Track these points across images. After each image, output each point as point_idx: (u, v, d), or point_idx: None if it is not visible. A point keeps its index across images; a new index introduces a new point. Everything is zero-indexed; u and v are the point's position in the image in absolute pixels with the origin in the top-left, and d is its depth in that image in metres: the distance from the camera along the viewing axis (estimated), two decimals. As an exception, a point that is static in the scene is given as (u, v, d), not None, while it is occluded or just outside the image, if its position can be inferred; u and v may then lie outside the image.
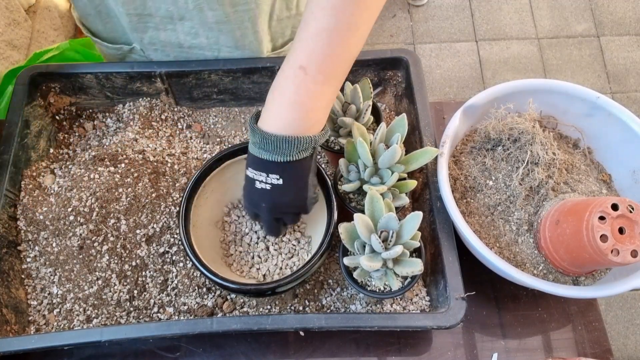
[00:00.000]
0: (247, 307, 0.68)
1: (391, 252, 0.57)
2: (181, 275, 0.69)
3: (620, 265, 0.57)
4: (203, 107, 0.84)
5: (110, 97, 0.81)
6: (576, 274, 0.64)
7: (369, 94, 0.70)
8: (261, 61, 0.78)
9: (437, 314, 0.60)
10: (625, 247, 0.54)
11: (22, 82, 0.76)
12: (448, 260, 0.63)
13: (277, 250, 0.71)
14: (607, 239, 0.54)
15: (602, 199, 0.56)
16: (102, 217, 0.70)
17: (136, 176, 0.72)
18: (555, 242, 0.61)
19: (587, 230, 0.55)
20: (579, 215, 0.57)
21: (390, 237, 0.58)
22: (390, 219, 0.57)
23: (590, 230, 0.55)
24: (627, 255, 0.54)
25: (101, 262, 0.68)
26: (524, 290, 0.72)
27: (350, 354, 0.69)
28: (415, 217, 0.58)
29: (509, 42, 2.11)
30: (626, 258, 0.54)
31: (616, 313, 1.61)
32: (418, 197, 0.74)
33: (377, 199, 0.59)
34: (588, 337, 0.70)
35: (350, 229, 0.60)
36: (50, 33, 1.57)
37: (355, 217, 0.57)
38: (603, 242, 0.54)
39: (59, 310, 0.68)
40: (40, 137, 0.77)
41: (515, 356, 0.69)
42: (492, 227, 0.66)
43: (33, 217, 0.71)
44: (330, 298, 0.68)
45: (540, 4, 2.21)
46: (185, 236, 0.63)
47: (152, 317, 0.67)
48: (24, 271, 0.70)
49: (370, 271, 0.60)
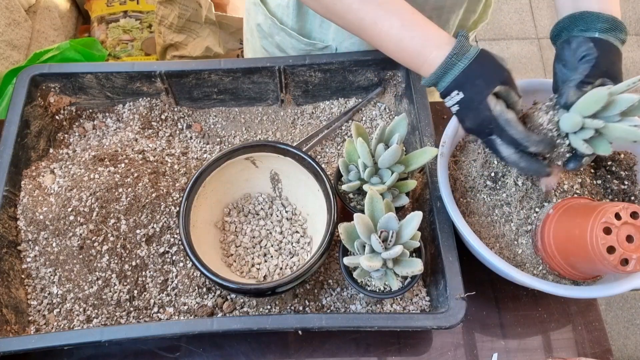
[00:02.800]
0: (247, 307, 0.68)
1: (391, 252, 0.57)
2: (181, 275, 0.69)
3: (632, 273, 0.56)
4: (203, 107, 0.84)
5: (110, 97, 0.81)
6: (581, 278, 0.63)
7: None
8: (261, 61, 0.78)
9: (437, 314, 0.60)
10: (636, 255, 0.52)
11: (22, 82, 0.76)
12: (448, 260, 0.62)
13: (277, 250, 0.71)
14: (614, 250, 0.53)
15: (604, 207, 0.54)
16: (102, 217, 0.70)
17: (136, 176, 0.72)
18: (560, 250, 0.60)
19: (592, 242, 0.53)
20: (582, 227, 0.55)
21: (390, 237, 0.58)
22: (390, 219, 0.57)
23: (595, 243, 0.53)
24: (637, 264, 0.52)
25: (101, 262, 0.68)
26: (524, 290, 0.72)
27: (350, 354, 0.69)
28: (415, 217, 0.58)
29: (509, 42, 2.11)
30: (636, 267, 0.52)
31: (616, 313, 1.61)
32: (418, 197, 0.74)
33: (377, 199, 0.59)
34: (588, 337, 0.70)
35: (350, 229, 0.60)
36: (50, 33, 1.57)
37: (355, 217, 0.57)
38: (610, 254, 0.52)
39: (59, 310, 0.68)
40: (40, 137, 0.77)
41: (515, 356, 0.69)
42: (492, 227, 0.66)
43: (33, 217, 0.71)
44: (330, 298, 0.68)
45: (540, 4, 2.21)
46: (185, 236, 0.63)
47: (152, 317, 0.67)
48: (24, 271, 0.70)
49: (370, 271, 0.60)
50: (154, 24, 1.58)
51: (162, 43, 1.55)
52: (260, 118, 0.83)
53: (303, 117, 0.83)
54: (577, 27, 0.59)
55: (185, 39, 1.56)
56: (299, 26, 0.83)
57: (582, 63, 0.57)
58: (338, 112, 0.82)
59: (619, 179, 0.69)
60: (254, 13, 0.89)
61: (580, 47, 0.58)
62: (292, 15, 0.81)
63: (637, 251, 0.53)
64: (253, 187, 0.75)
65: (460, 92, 0.57)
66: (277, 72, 0.77)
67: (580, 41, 0.58)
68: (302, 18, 0.82)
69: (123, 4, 1.67)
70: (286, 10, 0.82)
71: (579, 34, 0.59)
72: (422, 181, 0.72)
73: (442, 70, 0.57)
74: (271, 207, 0.75)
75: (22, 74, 0.77)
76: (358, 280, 0.63)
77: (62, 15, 1.66)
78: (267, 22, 0.86)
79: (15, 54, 1.43)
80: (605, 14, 0.58)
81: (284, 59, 0.78)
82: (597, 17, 0.58)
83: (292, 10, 0.81)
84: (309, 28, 0.83)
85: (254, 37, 0.92)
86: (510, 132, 0.56)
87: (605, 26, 0.57)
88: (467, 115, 0.58)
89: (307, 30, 0.84)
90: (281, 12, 0.83)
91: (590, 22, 0.58)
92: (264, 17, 0.86)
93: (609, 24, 0.57)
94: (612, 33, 0.57)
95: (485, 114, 0.56)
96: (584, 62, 0.57)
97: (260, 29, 0.88)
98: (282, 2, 0.81)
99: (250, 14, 0.91)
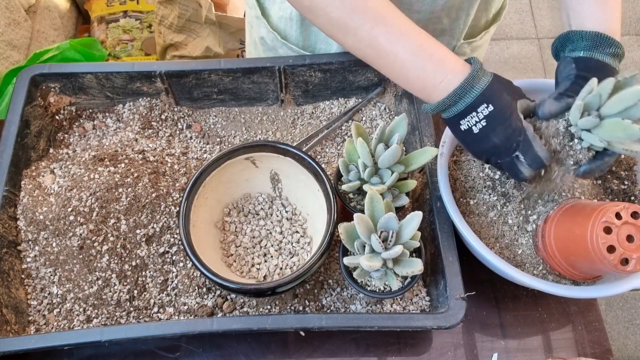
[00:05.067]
0: (247, 307, 0.68)
1: (391, 252, 0.57)
2: (181, 275, 0.69)
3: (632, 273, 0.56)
4: (203, 107, 0.84)
5: (110, 97, 0.81)
6: (582, 278, 0.63)
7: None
8: (261, 61, 0.78)
9: (437, 314, 0.60)
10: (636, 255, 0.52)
11: (22, 82, 0.76)
12: (448, 260, 0.63)
13: (277, 250, 0.71)
14: (614, 250, 0.53)
15: (605, 206, 0.54)
16: (102, 217, 0.70)
17: (136, 176, 0.72)
18: (561, 249, 0.60)
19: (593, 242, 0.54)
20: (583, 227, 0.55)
21: (390, 237, 0.58)
22: (390, 219, 0.57)
23: (595, 242, 0.53)
24: (637, 264, 0.52)
25: (101, 262, 0.68)
26: (524, 290, 0.72)
27: (350, 354, 0.69)
28: (415, 217, 0.58)
29: (509, 42, 2.11)
30: (636, 266, 0.52)
31: (616, 313, 1.61)
32: (418, 197, 0.74)
33: (377, 199, 0.59)
34: (588, 337, 0.70)
35: (350, 229, 0.60)
36: (50, 33, 1.57)
37: (355, 217, 0.57)
38: (610, 253, 0.53)
39: (59, 310, 0.68)
40: (40, 137, 0.77)
41: (515, 356, 0.69)
42: (492, 227, 0.66)
43: (33, 217, 0.71)
44: (330, 298, 0.68)
45: (540, 4, 2.21)
46: (185, 236, 0.63)
47: (152, 317, 0.67)
48: (24, 271, 0.70)
49: (370, 271, 0.60)
50: (154, 24, 1.58)
51: (162, 43, 1.56)
52: (260, 118, 0.83)
53: (303, 117, 0.83)
54: (567, 48, 0.61)
55: (185, 39, 1.56)
56: (303, 38, 0.82)
57: (564, 80, 0.59)
58: (338, 112, 0.82)
59: (619, 179, 0.69)
60: (256, 26, 0.88)
61: (566, 68, 0.60)
62: (296, 27, 0.81)
63: (637, 251, 0.53)
64: (253, 187, 0.75)
65: (490, 105, 0.55)
66: (277, 72, 0.77)
67: (566, 62, 0.60)
68: (307, 30, 0.81)
69: (123, 4, 1.67)
70: (289, 22, 0.81)
71: (568, 54, 0.60)
72: (422, 181, 0.72)
73: (466, 86, 0.55)
74: (271, 207, 0.75)
75: (22, 74, 0.77)
76: (358, 280, 0.63)
77: (62, 15, 1.66)
78: (270, 36, 0.85)
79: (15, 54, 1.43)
80: (588, 32, 0.59)
81: (284, 59, 0.78)
82: (580, 35, 0.59)
83: (295, 22, 0.80)
84: (313, 40, 0.82)
85: (258, 49, 0.91)
86: (535, 148, 0.55)
87: (587, 44, 0.59)
88: (496, 129, 0.55)
89: (311, 42, 0.83)
90: (284, 25, 0.82)
91: (574, 42, 0.60)
92: (267, 31, 0.85)
93: (592, 42, 0.58)
94: (597, 49, 0.58)
95: (517, 124, 0.55)
96: (566, 79, 0.59)
97: (264, 42, 0.87)
98: (285, 14, 0.80)
99: (252, 27, 0.90)
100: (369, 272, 0.61)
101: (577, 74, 0.58)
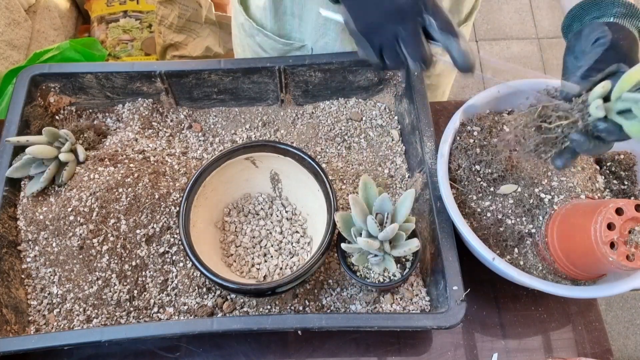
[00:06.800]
0: (247, 307, 0.68)
1: (387, 231, 0.57)
2: (181, 275, 0.69)
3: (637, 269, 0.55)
4: (203, 107, 0.84)
5: (110, 97, 0.81)
6: (585, 278, 0.63)
7: None
8: (261, 61, 0.78)
9: (437, 314, 0.60)
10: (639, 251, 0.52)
11: (22, 82, 0.76)
12: (448, 260, 0.63)
13: (277, 250, 0.71)
14: (617, 246, 0.52)
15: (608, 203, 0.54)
16: (102, 217, 0.70)
17: (136, 176, 0.72)
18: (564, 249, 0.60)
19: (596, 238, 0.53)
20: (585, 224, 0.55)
21: (385, 219, 0.58)
22: (384, 201, 0.58)
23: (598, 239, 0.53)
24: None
25: (101, 262, 0.68)
26: (524, 290, 0.72)
27: (350, 354, 0.69)
28: (408, 196, 0.59)
29: (509, 42, 2.11)
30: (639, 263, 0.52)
31: (616, 313, 1.61)
32: (418, 197, 0.74)
33: (370, 184, 0.60)
34: (588, 337, 0.70)
35: (346, 217, 0.61)
36: (50, 33, 1.57)
37: (350, 199, 0.58)
38: (613, 249, 0.52)
39: (59, 310, 0.68)
40: (40, 137, 0.77)
41: (515, 356, 0.69)
42: (492, 227, 0.66)
43: (33, 217, 0.71)
44: (330, 298, 0.68)
45: (540, 4, 2.21)
46: (185, 236, 0.63)
47: (152, 317, 0.67)
48: (24, 271, 0.70)
49: (368, 252, 0.60)
50: (154, 24, 1.58)
51: (162, 43, 1.56)
52: (260, 118, 0.83)
53: (303, 117, 0.83)
54: (589, 15, 0.54)
55: (185, 39, 1.56)
56: (278, 27, 0.83)
57: (595, 47, 0.51)
58: (338, 112, 0.83)
59: (619, 179, 0.69)
60: (237, 13, 0.90)
61: (593, 32, 0.52)
62: (270, 17, 0.81)
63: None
64: (253, 187, 0.75)
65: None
66: (277, 72, 0.77)
67: (593, 26, 0.53)
68: (280, 19, 0.82)
69: (123, 3, 1.67)
70: (264, 12, 0.82)
71: (592, 21, 0.54)
72: (422, 181, 0.72)
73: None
74: (271, 207, 0.75)
75: (22, 74, 0.77)
76: (357, 271, 0.64)
77: (62, 15, 1.66)
78: (247, 24, 0.87)
79: (15, 54, 1.43)
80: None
81: (284, 59, 0.78)
82: (613, 2, 0.53)
83: (269, 12, 0.81)
84: (288, 29, 0.83)
85: (241, 34, 0.93)
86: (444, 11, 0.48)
87: (621, 11, 0.52)
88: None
89: (286, 31, 0.84)
90: (260, 15, 0.84)
91: (604, 8, 0.53)
92: (244, 18, 0.87)
93: (626, 9, 0.52)
94: (629, 19, 0.52)
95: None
96: (597, 45, 0.51)
97: (244, 28, 0.89)
98: (260, 3, 0.82)
99: (236, 12, 0.92)
100: (368, 258, 0.61)
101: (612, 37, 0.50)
